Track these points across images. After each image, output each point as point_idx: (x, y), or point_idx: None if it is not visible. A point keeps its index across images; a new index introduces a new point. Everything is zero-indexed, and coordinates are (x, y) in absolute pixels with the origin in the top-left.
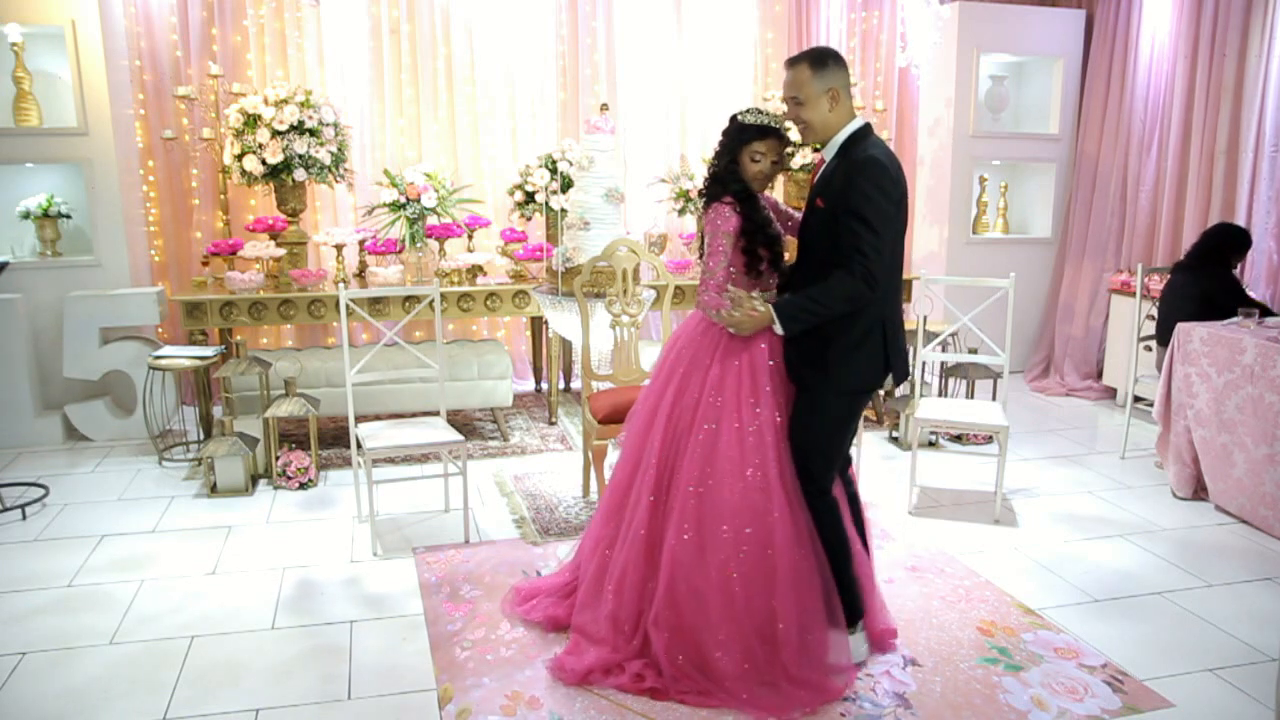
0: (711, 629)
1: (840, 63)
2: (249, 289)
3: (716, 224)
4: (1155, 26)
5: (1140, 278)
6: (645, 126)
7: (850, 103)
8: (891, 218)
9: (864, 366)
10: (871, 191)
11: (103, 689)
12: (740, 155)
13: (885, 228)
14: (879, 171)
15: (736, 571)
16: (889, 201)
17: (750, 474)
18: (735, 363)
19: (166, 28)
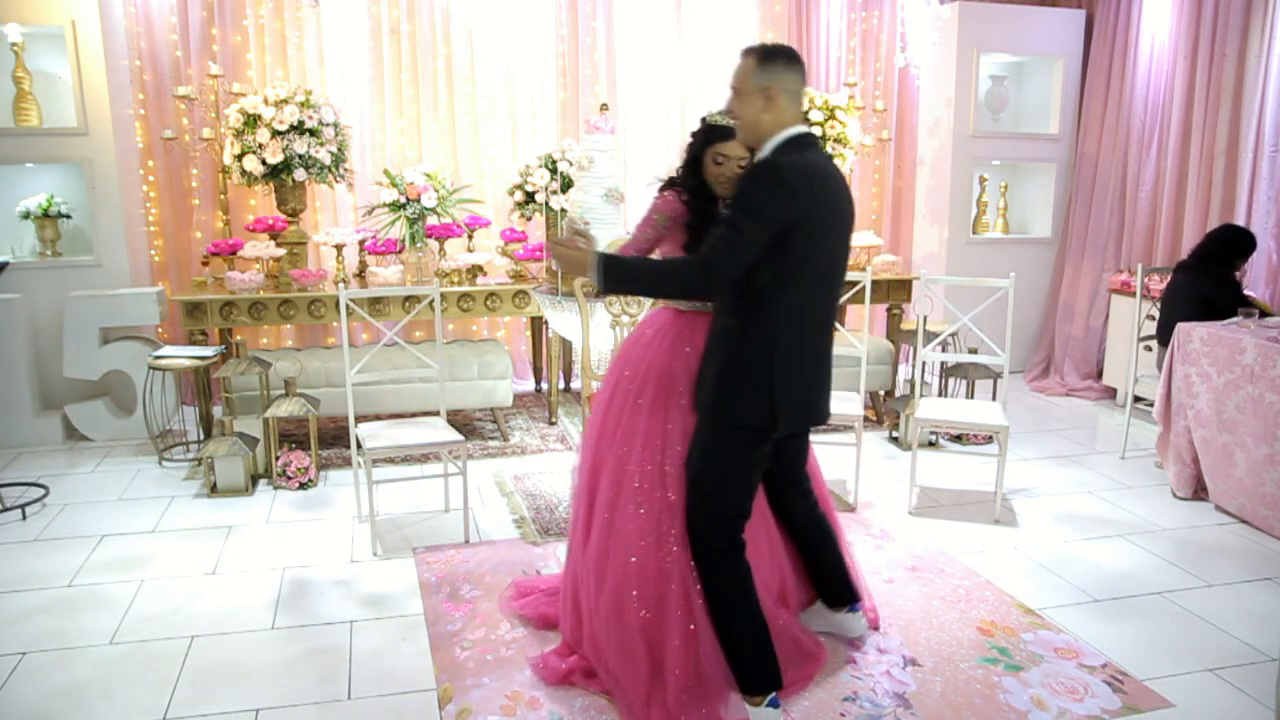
0: (614, 655)
1: (791, 65)
2: (249, 289)
3: (656, 203)
4: (1155, 26)
5: (1140, 278)
6: (645, 126)
7: (791, 109)
8: (768, 225)
9: (739, 399)
10: (754, 191)
11: (102, 689)
12: (704, 155)
13: (755, 230)
14: (770, 174)
15: (630, 605)
16: (777, 209)
17: (644, 511)
18: (656, 372)
19: (166, 28)
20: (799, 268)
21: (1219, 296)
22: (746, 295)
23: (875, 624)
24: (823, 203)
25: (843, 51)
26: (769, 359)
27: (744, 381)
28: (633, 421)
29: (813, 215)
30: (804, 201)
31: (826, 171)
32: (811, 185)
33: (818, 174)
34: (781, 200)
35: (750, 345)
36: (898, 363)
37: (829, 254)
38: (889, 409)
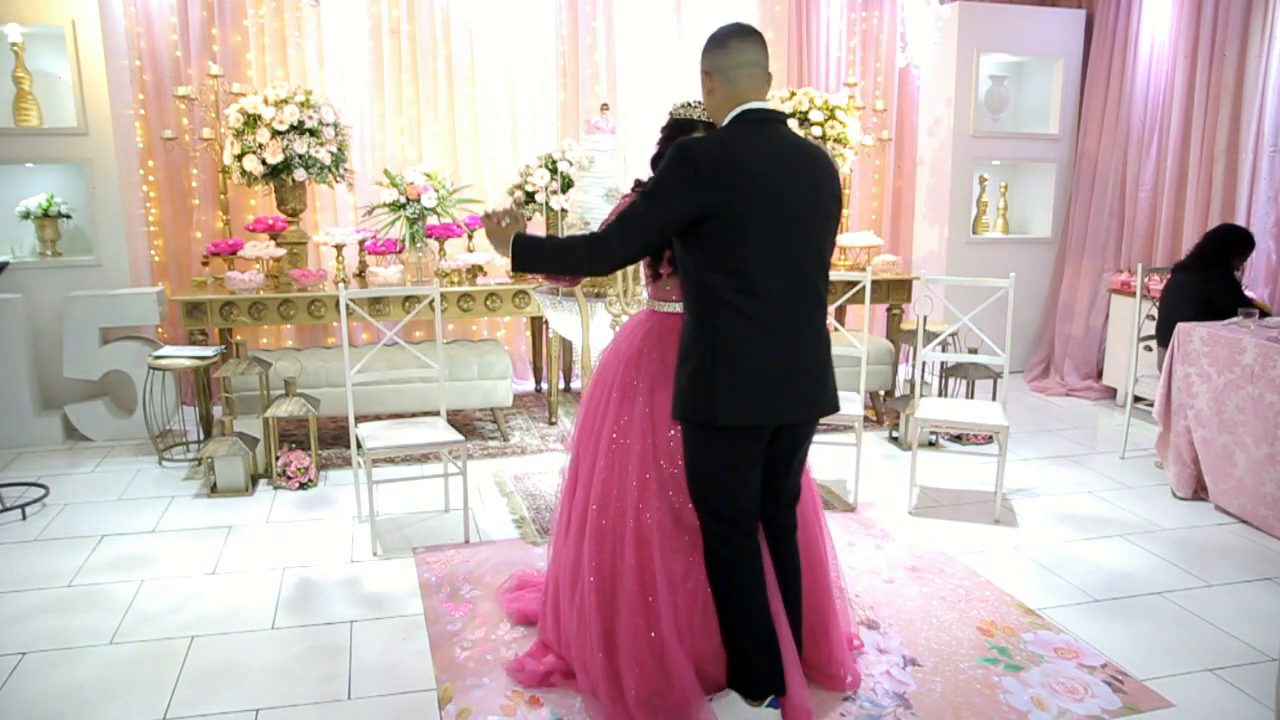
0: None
1: (719, 46)
2: (249, 289)
3: (619, 203)
4: (1155, 26)
5: (1140, 278)
6: (645, 126)
7: (736, 90)
8: (672, 209)
9: (690, 395)
10: (661, 173)
11: (103, 689)
12: None
13: (655, 213)
14: (678, 157)
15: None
16: (683, 193)
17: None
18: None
19: (166, 28)
20: (730, 250)
21: (1218, 296)
22: (690, 286)
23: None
24: (754, 184)
25: (843, 51)
26: (709, 349)
27: (693, 376)
28: (603, 427)
29: (734, 196)
30: (717, 185)
31: (769, 151)
32: (729, 167)
33: (746, 153)
34: (687, 182)
35: (697, 338)
36: (898, 363)
37: (770, 236)
38: (889, 409)
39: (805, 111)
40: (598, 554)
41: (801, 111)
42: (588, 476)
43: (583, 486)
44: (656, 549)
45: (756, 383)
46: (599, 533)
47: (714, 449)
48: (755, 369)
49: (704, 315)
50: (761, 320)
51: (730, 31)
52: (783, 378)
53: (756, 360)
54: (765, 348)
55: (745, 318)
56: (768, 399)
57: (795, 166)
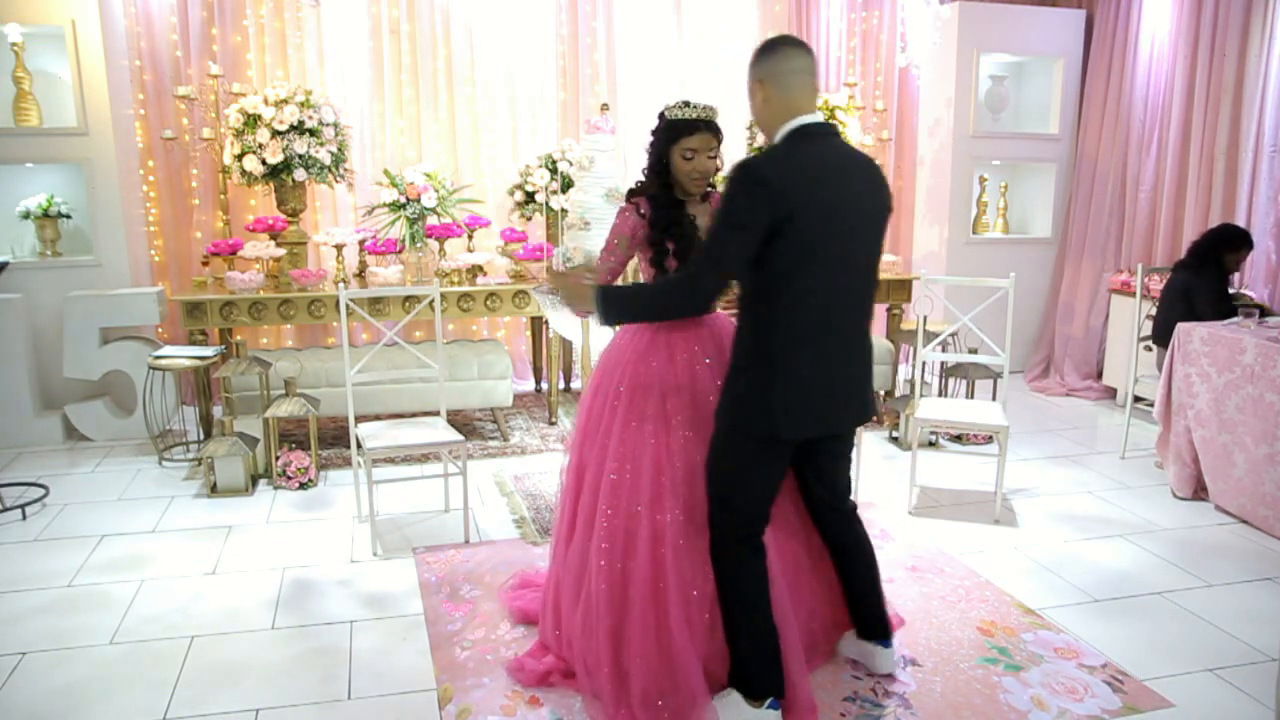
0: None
1: (771, 53)
2: (249, 289)
3: (616, 221)
4: (1155, 26)
5: (1140, 278)
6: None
7: (790, 96)
8: (750, 229)
9: (743, 403)
10: (732, 194)
11: (103, 689)
12: (671, 154)
13: (735, 237)
14: (745, 174)
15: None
16: (757, 210)
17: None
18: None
19: (166, 28)
20: (795, 266)
21: (1199, 297)
22: (749, 296)
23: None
24: (818, 198)
25: (843, 51)
26: (767, 366)
27: (748, 385)
28: (612, 426)
29: (800, 210)
30: (787, 196)
31: (830, 164)
32: (796, 179)
33: (809, 167)
34: (758, 199)
35: (754, 347)
36: (898, 363)
37: (833, 250)
38: (889, 409)
39: None
40: (608, 553)
41: None
42: (595, 477)
43: (590, 487)
44: (670, 548)
45: (816, 395)
46: (610, 532)
47: (754, 455)
48: (815, 382)
49: (760, 324)
50: (821, 333)
51: (782, 40)
52: (837, 389)
53: (816, 373)
54: (823, 360)
55: (803, 327)
56: (824, 410)
57: (852, 180)
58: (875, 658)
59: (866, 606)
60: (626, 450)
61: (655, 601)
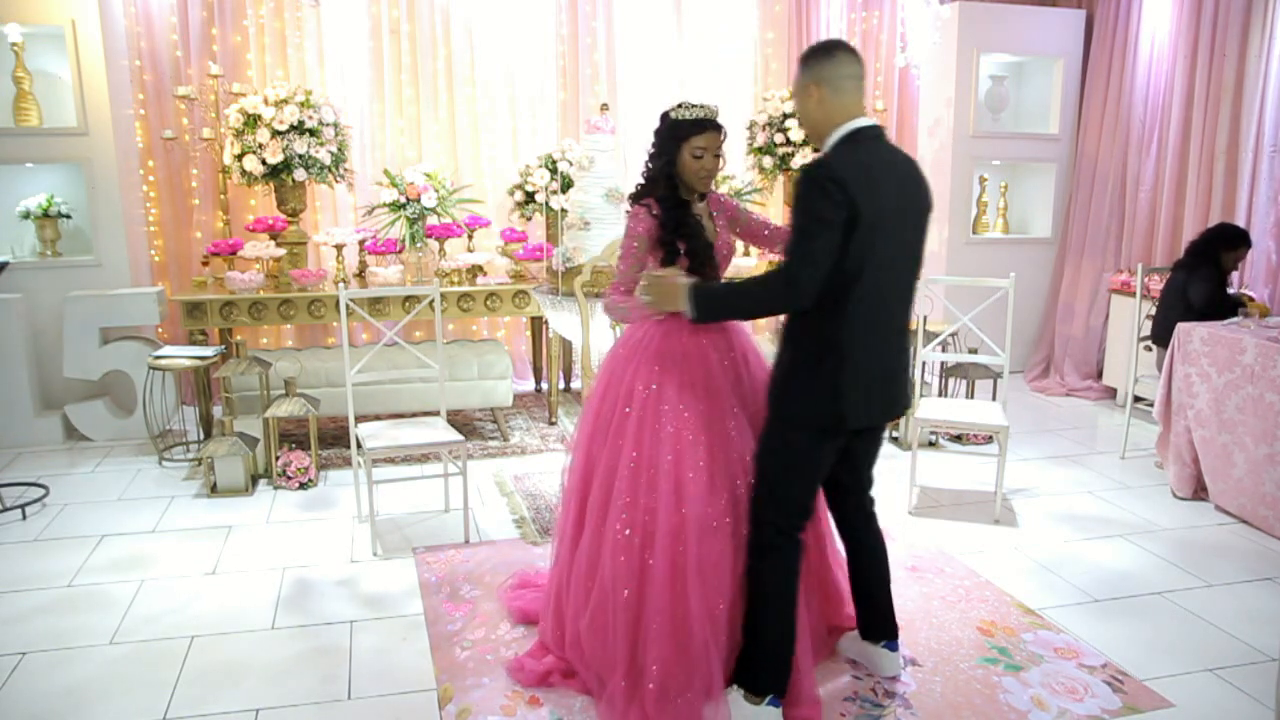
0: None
1: (827, 56)
2: (249, 289)
3: (630, 225)
4: (1155, 26)
5: (1140, 278)
6: (645, 126)
7: (844, 100)
8: (833, 227)
9: (805, 397)
10: (810, 194)
11: (103, 689)
12: (679, 154)
13: (823, 234)
14: (820, 175)
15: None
16: (836, 208)
17: (622, 520)
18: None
19: (166, 28)
20: (860, 263)
21: (1196, 296)
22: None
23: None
24: (879, 198)
25: None
26: (836, 358)
27: (810, 380)
28: (623, 425)
29: (867, 211)
30: (856, 199)
31: (884, 165)
32: (863, 182)
33: (872, 169)
34: (835, 198)
35: (817, 343)
36: None
37: (892, 249)
38: None
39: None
40: (625, 548)
41: None
42: (609, 474)
43: (601, 486)
44: (693, 543)
45: (875, 387)
46: (629, 525)
47: (808, 448)
48: (875, 374)
49: (823, 320)
50: (878, 327)
51: (835, 44)
52: (888, 380)
53: (875, 364)
54: (880, 352)
55: (865, 323)
56: (880, 400)
57: (904, 180)
58: (880, 660)
59: (876, 607)
60: (645, 444)
61: (674, 597)
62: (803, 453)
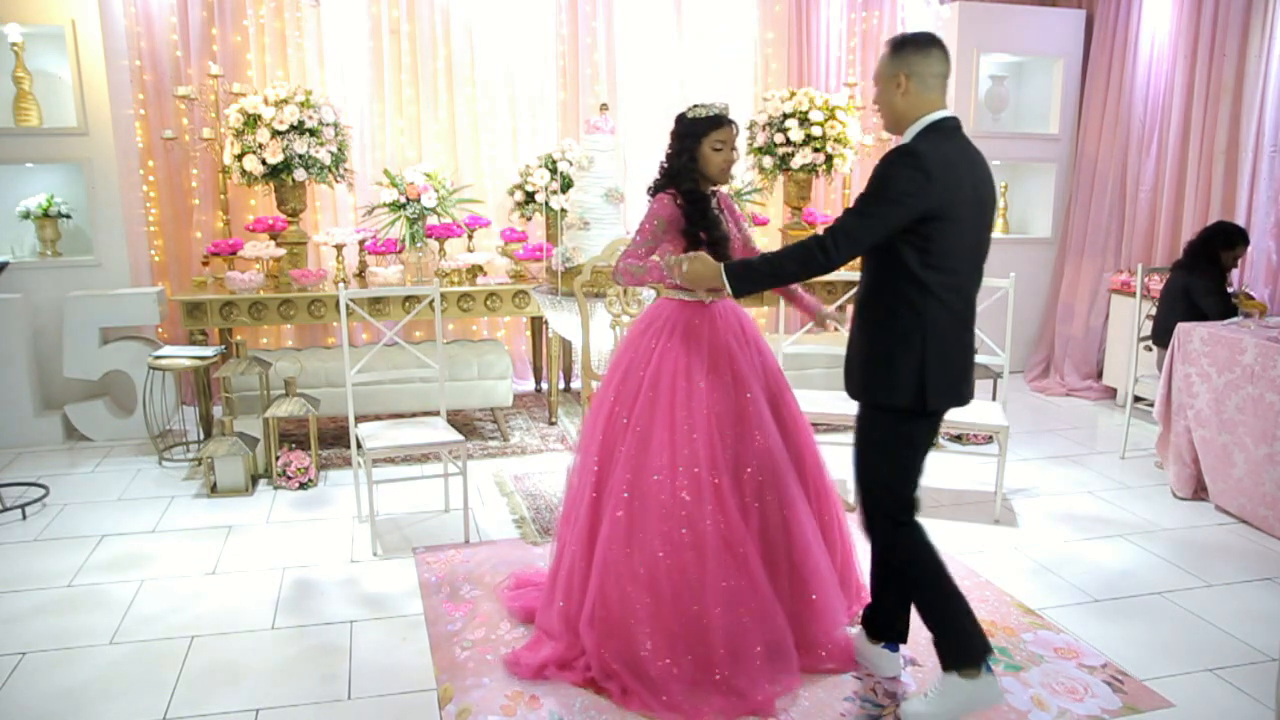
0: (638, 629)
1: (923, 50)
2: (249, 289)
3: (654, 208)
4: (1155, 26)
5: (1140, 278)
6: (645, 126)
7: (926, 94)
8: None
9: (889, 382)
10: (892, 175)
11: (102, 689)
12: (701, 149)
13: (884, 214)
14: (909, 160)
15: (665, 574)
16: (914, 195)
17: (679, 478)
18: (670, 361)
19: (166, 28)
20: (945, 251)
21: (1198, 294)
22: (894, 280)
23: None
24: (960, 190)
25: (843, 51)
26: (920, 343)
27: (893, 364)
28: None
29: (952, 203)
30: (943, 190)
31: (964, 158)
32: (950, 174)
33: (958, 163)
34: (919, 186)
35: (900, 329)
36: None
37: (971, 241)
38: None
39: (805, 111)
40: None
41: (801, 111)
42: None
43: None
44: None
45: (954, 372)
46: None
47: (899, 431)
48: (953, 359)
49: (905, 306)
50: (959, 313)
51: (931, 39)
52: (965, 366)
53: (954, 351)
54: (957, 339)
55: (949, 310)
56: (958, 386)
57: (983, 173)
58: (880, 660)
59: (885, 606)
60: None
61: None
62: (895, 437)
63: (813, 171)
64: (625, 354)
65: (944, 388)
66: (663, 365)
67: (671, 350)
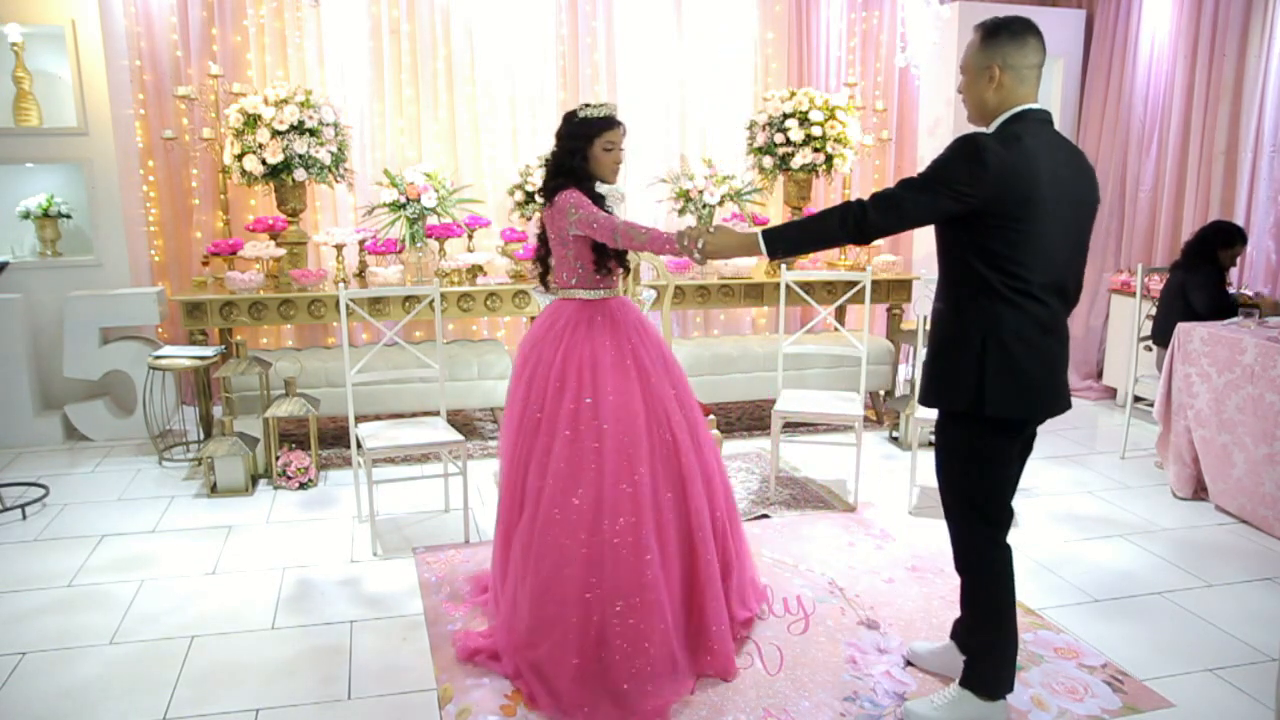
0: (542, 633)
1: (1017, 39)
2: (249, 289)
3: (576, 203)
4: (1155, 26)
5: (1140, 278)
6: (645, 126)
7: (1020, 87)
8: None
9: (950, 385)
10: (949, 160)
11: (103, 689)
12: (592, 149)
13: (931, 196)
14: (969, 148)
15: (564, 581)
16: (967, 183)
17: (581, 492)
18: (576, 358)
19: (166, 28)
20: (1011, 251)
21: (1196, 295)
22: (960, 278)
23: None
24: (1033, 185)
25: (843, 51)
26: (979, 344)
27: (954, 366)
28: (554, 413)
29: (1025, 200)
30: (1007, 184)
31: (1047, 151)
32: (1023, 168)
33: (1037, 156)
34: (974, 175)
35: (961, 330)
36: (898, 363)
37: (1046, 237)
38: (889, 409)
39: (805, 111)
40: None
41: (801, 111)
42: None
43: (534, 478)
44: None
45: (1025, 378)
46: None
47: (973, 440)
48: (1023, 364)
49: (968, 306)
50: (1036, 317)
51: (1027, 25)
52: (1042, 374)
53: (1025, 355)
54: (1037, 344)
55: (1023, 314)
56: (1035, 395)
57: (1068, 169)
58: None
59: None
60: (575, 433)
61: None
62: (970, 447)
63: (813, 171)
64: (530, 357)
65: (1009, 396)
66: (568, 363)
67: (576, 347)
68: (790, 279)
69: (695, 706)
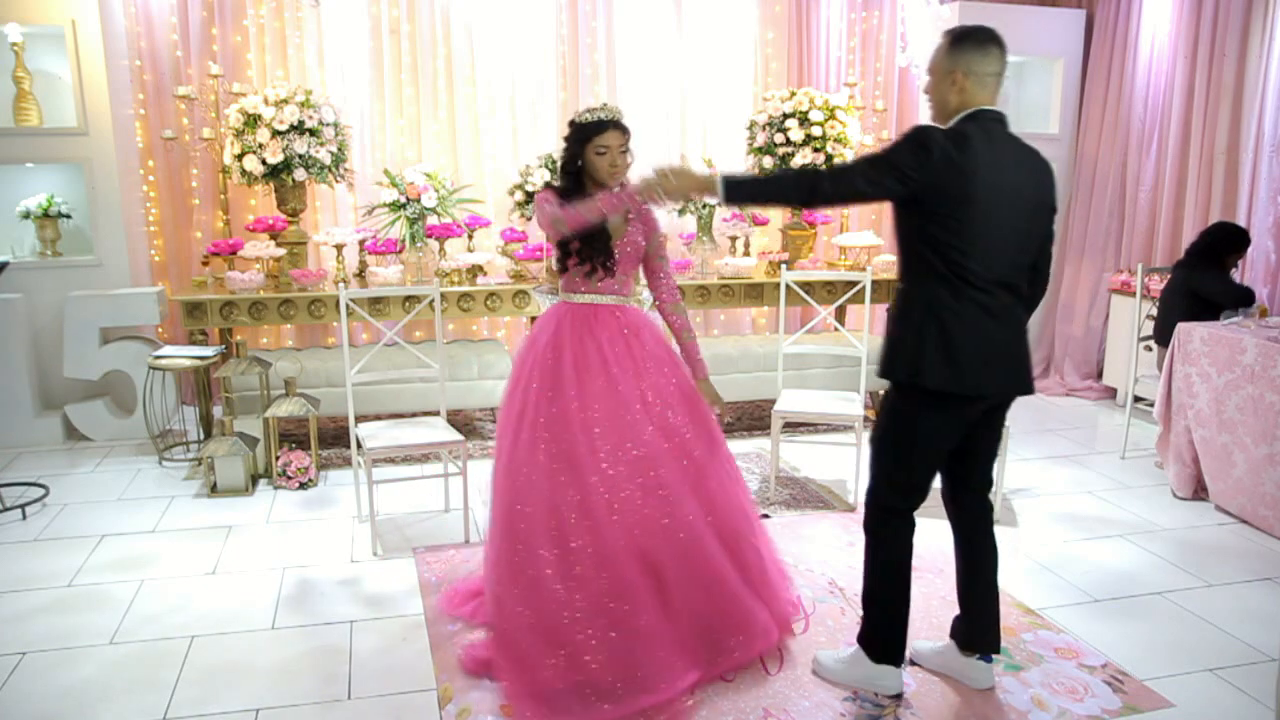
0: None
1: (981, 50)
2: (249, 289)
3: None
4: (1155, 26)
5: (1140, 278)
6: (645, 126)
7: (980, 93)
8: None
9: (896, 357)
10: (898, 143)
11: (103, 689)
12: (585, 153)
13: (877, 173)
14: (917, 134)
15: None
16: (909, 165)
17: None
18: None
19: (166, 28)
20: (950, 238)
21: (1206, 289)
22: (909, 261)
23: None
24: (971, 180)
25: (843, 51)
26: (919, 318)
27: (900, 340)
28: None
29: (970, 190)
30: (950, 172)
31: (1000, 150)
32: (956, 161)
33: (973, 152)
34: (917, 158)
35: (907, 306)
36: None
37: (986, 233)
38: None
39: (805, 111)
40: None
41: (801, 111)
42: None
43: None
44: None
45: (966, 356)
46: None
47: (913, 415)
48: (966, 344)
49: (915, 285)
50: (977, 301)
51: (991, 36)
52: (997, 357)
53: (969, 336)
54: (977, 326)
55: (961, 296)
56: (970, 371)
57: (1019, 168)
58: (974, 673)
59: (982, 616)
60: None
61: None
62: (908, 421)
63: None
64: (527, 358)
65: (942, 369)
66: (561, 366)
67: (570, 350)
68: (790, 279)
69: (695, 706)
